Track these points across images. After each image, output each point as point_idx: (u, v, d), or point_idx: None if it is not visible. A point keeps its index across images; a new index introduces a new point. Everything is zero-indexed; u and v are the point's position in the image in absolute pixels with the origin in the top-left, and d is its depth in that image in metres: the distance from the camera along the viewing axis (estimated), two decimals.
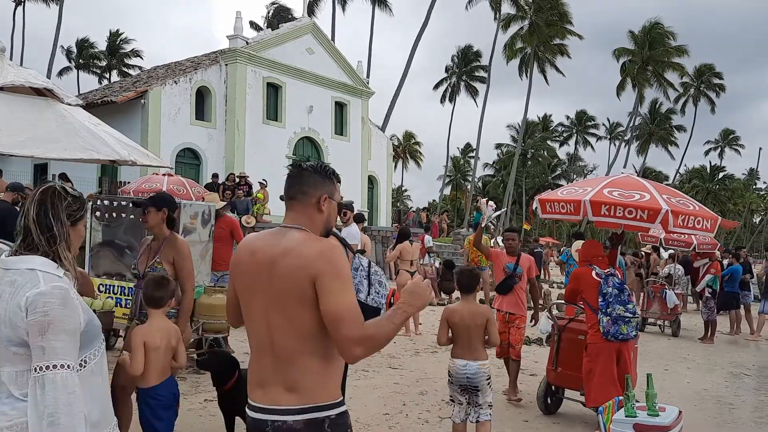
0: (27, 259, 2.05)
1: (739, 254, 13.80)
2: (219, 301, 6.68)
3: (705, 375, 9.04)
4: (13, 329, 1.97)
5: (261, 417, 2.15)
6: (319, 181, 2.30)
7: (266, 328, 2.17)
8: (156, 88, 20.06)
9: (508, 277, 6.65)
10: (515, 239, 6.93)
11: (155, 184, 10.76)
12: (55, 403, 1.91)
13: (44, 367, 1.93)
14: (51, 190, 2.14)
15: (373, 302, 3.57)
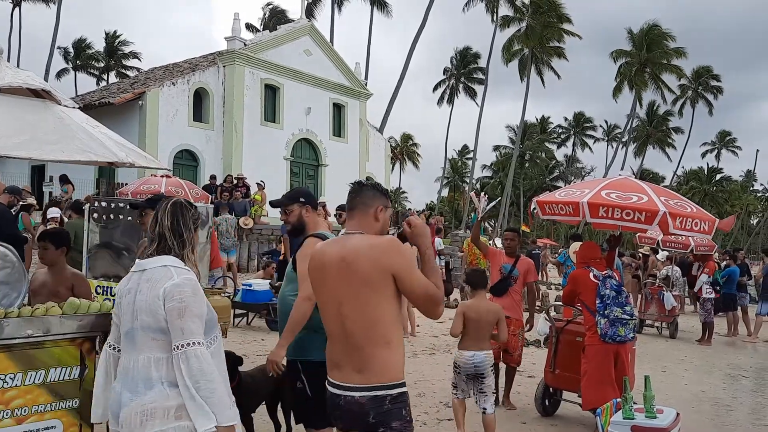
0: (160, 259, 2.49)
1: (736, 256, 13.82)
2: (216, 303, 6.66)
3: (703, 377, 9.05)
4: (153, 317, 2.39)
5: (336, 392, 2.60)
6: (376, 195, 2.73)
7: (338, 319, 2.60)
8: (154, 90, 20.05)
9: (504, 279, 6.41)
10: (515, 239, 6.70)
11: (153, 185, 10.75)
12: (198, 373, 2.34)
13: (185, 345, 2.36)
14: (179, 203, 2.61)
15: None
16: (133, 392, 2.40)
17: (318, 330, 3.57)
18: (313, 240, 3.67)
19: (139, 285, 2.48)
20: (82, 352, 3.73)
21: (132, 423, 2.36)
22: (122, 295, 2.54)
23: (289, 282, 3.74)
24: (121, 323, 2.53)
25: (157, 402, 2.36)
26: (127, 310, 2.50)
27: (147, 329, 2.42)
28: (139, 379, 2.40)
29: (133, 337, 2.46)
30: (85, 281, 4.55)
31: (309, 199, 3.88)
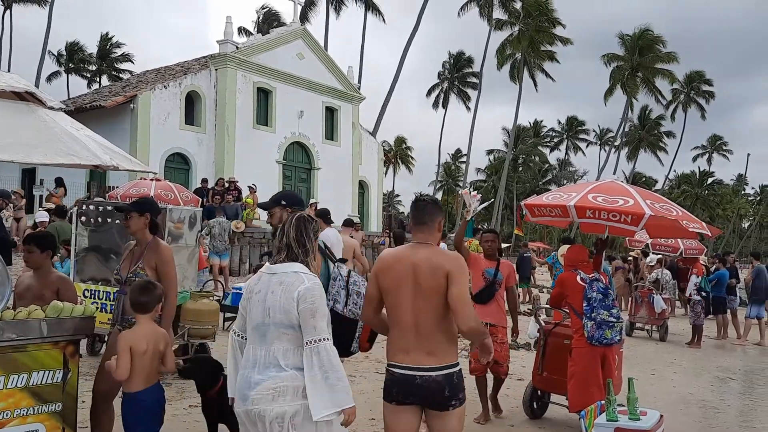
0: (290, 266, 2.89)
1: (726, 259, 13.90)
2: (205, 306, 6.68)
3: (691, 379, 9.09)
4: (286, 315, 2.78)
5: (409, 373, 3.05)
6: (437, 210, 3.28)
7: (412, 312, 3.09)
8: (145, 93, 20.01)
9: (489, 285, 6.06)
10: (495, 241, 6.35)
11: (143, 189, 10.72)
12: (327, 364, 2.74)
13: (316, 340, 2.76)
14: (302, 218, 3.01)
15: (350, 313, 3.54)
16: (264, 375, 2.80)
17: None
18: None
19: (269, 286, 2.87)
20: (65, 356, 3.72)
21: (264, 399, 2.75)
22: (252, 292, 2.93)
23: None
24: (250, 317, 2.91)
25: (288, 382, 2.77)
26: (258, 306, 2.88)
27: (279, 325, 2.81)
28: (271, 365, 2.81)
29: (264, 331, 2.85)
30: (71, 285, 4.54)
31: (290, 201, 3.88)
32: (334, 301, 3.59)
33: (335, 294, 3.61)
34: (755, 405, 7.86)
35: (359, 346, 3.65)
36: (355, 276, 3.69)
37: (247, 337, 2.94)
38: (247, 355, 2.91)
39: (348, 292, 3.61)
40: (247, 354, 2.92)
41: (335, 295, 3.60)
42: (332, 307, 3.54)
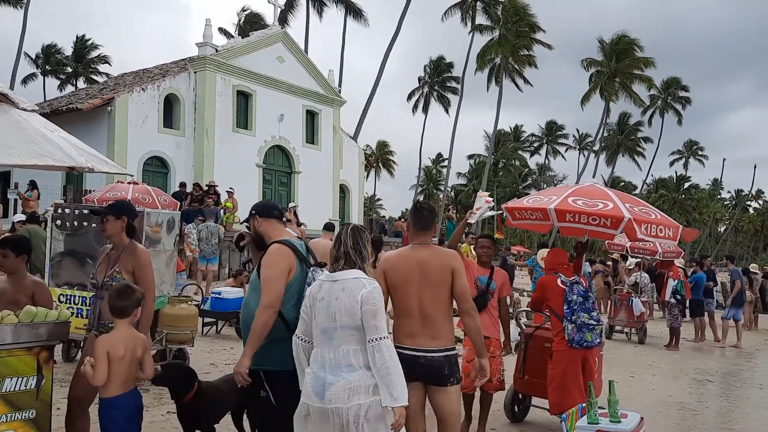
0: (350, 272, 3.15)
1: (703, 263, 14.07)
2: (183, 311, 6.59)
3: (670, 381, 9.16)
4: (352, 317, 3.04)
5: (415, 354, 3.63)
6: (435, 217, 4.04)
7: (418, 302, 3.71)
8: (123, 96, 19.78)
9: (482, 294, 5.61)
10: (491, 247, 5.94)
11: (120, 192, 10.58)
12: (388, 360, 3.03)
13: (378, 339, 3.03)
14: (357, 228, 3.35)
15: None
16: (336, 375, 3.04)
17: (280, 340, 3.53)
18: (276, 247, 3.63)
19: (332, 293, 3.12)
20: (39, 362, 3.64)
21: (340, 398, 3.00)
22: (316, 299, 3.17)
23: (253, 290, 3.68)
24: (315, 322, 3.16)
25: (360, 381, 3.02)
26: (323, 312, 3.12)
27: (346, 327, 3.06)
28: (342, 365, 3.05)
29: (331, 334, 3.09)
30: (46, 289, 4.44)
31: (259, 210, 3.85)
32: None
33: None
34: (732, 406, 7.94)
35: None
36: None
37: (315, 340, 3.19)
38: (315, 357, 3.16)
39: None
40: (315, 355, 3.16)
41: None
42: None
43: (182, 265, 9.45)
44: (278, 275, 3.50)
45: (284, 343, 3.54)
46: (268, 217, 3.82)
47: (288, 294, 3.53)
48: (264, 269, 3.55)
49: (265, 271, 3.53)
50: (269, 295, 3.45)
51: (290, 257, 3.59)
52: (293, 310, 3.55)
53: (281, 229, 3.85)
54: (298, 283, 3.59)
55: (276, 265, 3.52)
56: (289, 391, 3.67)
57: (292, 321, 3.53)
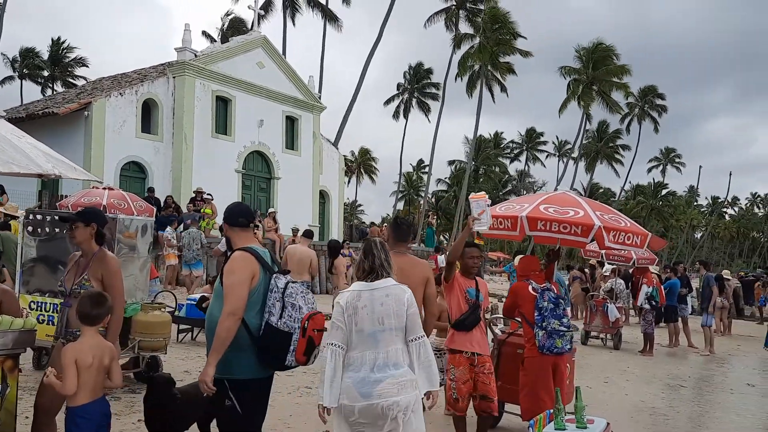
0: (387, 281, 3.60)
1: (677, 269, 14.26)
2: (156, 318, 6.54)
3: (643, 387, 9.27)
4: (398, 319, 3.49)
5: None
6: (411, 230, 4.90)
7: None
8: (100, 100, 19.60)
9: (474, 308, 5.31)
10: (479, 257, 5.64)
11: (95, 198, 10.47)
12: (430, 353, 3.58)
13: (421, 336, 3.58)
14: (381, 242, 3.75)
15: (285, 326, 3.49)
16: (384, 373, 3.40)
17: (244, 348, 3.52)
18: (238, 254, 3.63)
19: (374, 300, 3.51)
20: (3, 370, 3.60)
21: (390, 393, 3.35)
22: (357, 307, 3.49)
23: (217, 298, 3.66)
24: (358, 328, 3.47)
25: (406, 377, 3.44)
26: (367, 318, 3.46)
27: (392, 329, 3.48)
28: (390, 364, 3.43)
29: (378, 336, 3.45)
30: (13, 297, 4.39)
31: (225, 218, 3.86)
32: (269, 314, 3.55)
33: (270, 306, 3.57)
34: (703, 411, 8.06)
35: (295, 359, 3.61)
36: (293, 287, 3.63)
37: (357, 346, 3.48)
38: (361, 360, 3.46)
39: (283, 304, 3.57)
40: (361, 359, 3.46)
41: (270, 307, 3.56)
42: (266, 320, 3.52)
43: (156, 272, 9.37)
44: (241, 282, 3.49)
45: (248, 350, 3.53)
46: (234, 225, 3.82)
47: (251, 301, 3.53)
48: (226, 276, 3.55)
49: (228, 277, 3.53)
50: (232, 301, 3.45)
51: (253, 264, 3.59)
52: (257, 318, 3.54)
53: (247, 237, 3.85)
54: (261, 290, 3.59)
55: (238, 272, 3.52)
56: (255, 399, 3.67)
57: (256, 328, 3.53)
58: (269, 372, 3.73)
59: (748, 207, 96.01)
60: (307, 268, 9.82)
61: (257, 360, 3.55)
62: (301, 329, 3.51)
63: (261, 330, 3.52)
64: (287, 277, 3.71)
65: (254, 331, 3.53)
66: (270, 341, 3.50)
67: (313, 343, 3.58)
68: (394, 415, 3.36)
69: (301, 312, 3.54)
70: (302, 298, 3.59)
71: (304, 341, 3.55)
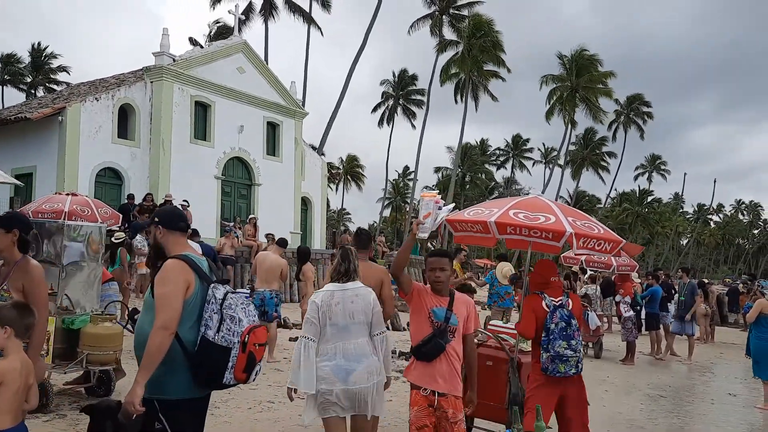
0: (356, 283, 4.11)
1: (658, 275, 14.03)
2: (106, 331, 6.18)
3: (622, 398, 9.01)
4: (366, 316, 4.00)
5: None
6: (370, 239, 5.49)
7: None
8: (75, 105, 19.16)
9: (438, 332, 4.08)
10: (444, 269, 4.20)
11: (57, 204, 10.09)
12: (388, 348, 4.19)
13: (383, 332, 4.12)
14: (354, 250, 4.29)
15: (223, 340, 3.19)
16: (358, 362, 3.91)
17: (177, 365, 3.20)
18: (172, 262, 3.30)
19: (345, 298, 4.00)
20: None
21: (362, 378, 3.90)
22: (332, 304, 3.98)
23: (147, 310, 3.34)
24: (334, 321, 3.96)
25: (374, 365, 3.97)
26: (340, 313, 3.96)
27: (361, 323, 4.00)
28: (363, 354, 3.95)
29: (349, 329, 3.96)
30: None
31: (164, 219, 3.50)
32: (205, 327, 3.24)
33: (207, 319, 3.25)
34: (683, 423, 7.80)
35: (234, 377, 3.29)
36: (233, 298, 3.33)
37: (331, 337, 3.95)
38: (335, 350, 3.94)
39: (221, 317, 3.26)
40: (335, 349, 3.94)
41: (207, 320, 3.25)
42: (203, 334, 3.21)
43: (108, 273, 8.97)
44: (174, 292, 3.18)
45: (181, 368, 3.22)
46: (174, 229, 3.49)
47: (185, 313, 3.22)
48: (158, 286, 3.23)
49: (160, 288, 3.21)
50: (164, 314, 3.13)
51: (188, 273, 3.28)
52: (191, 332, 3.23)
53: (182, 243, 3.53)
54: (197, 302, 3.28)
55: (172, 282, 3.21)
56: (188, 421, 3.35)
57: (190, 343, 3.22)
58: (205, 391, 3.41)
59: (732, 214, 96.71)
60: (276, 277, 9.51)
61: (191, 378, 3.24)
62: (240, 344, 3.21)
63: (196, 345, 3.21)
64: (226, 287, 3.41)
65: (189, 346, 3.22)
66: (206, 357, 3.19)
67: (254, 358, 3.29)
68: (365, 397, 3.89)
69: (241, 325, 3.24)
70: (242, 310, 3.30)
71: (244, 357, 3.25)
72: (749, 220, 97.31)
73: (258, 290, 9.50)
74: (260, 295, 9.42)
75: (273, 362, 9.32)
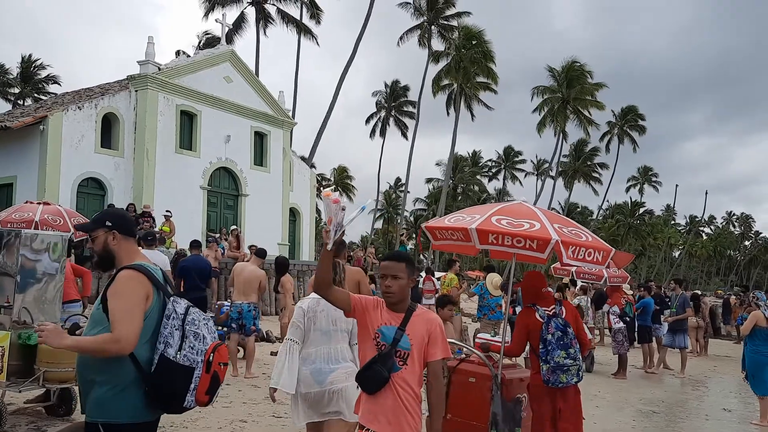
0: None
1: (649, 287, 13.74)
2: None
3: (613, 414, 8.68)
4: (346, 324, 4.13)
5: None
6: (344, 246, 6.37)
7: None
8: (56, 114, 18.80)
9: (384, 357, 3.14)
10: (400, 276, 3.22)
11: (27, 213, 9.71)
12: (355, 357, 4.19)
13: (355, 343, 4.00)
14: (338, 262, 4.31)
15: (186, 360, 2.85)
16: (335, 364, 4.07)
17: (127, 385, 2.84)
18: (129, 274, 2.93)
19: (329, 306, 3.70)
20: None
21: (340, 380, 4.03)
22: (317, 310, 4.11)
23: (93, 325, 2.96)
24: (318, 326, 4.10)
25: (350, 368, 4.06)
26: (324, 319, 4.11)
27: (342, 330, 4.16)
28: (339, 358, 4.10)
29: (331, 335, 4.11)
30: None
31: (117, 223, 3.13)
32: (165, 345, 2.88)
33: (167, 335, 2.90)
34: None
35: (195, 399, 2.94)
36: (195, 314, 2.99)
37: (314, 341, 4.10)
38: (317, 354, 4.09)
39: (184, 334, 2.92)
40: (317, 353, 4.09)
41: (167, 337, 2.89)
42: (162, 352, 2.86)
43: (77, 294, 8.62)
44: (135, 306, 2.84)
45: (132, 388, 2.86)
46: (129, 234, 3.14)
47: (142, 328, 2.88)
48: (115, 299, 2.85)
49: (117, 301, 2.84)
50: (123, 327, 2.76)
51: (146, 284, 2.93)
52: (146, 349, 2.88)
53: (137, 251, 3.18)
54: (153, 316, 2.93)
55: (131, 294, 2.86)
56: None
57: (146, 361, 2.86)
58: (156, 415, 3.05)
59: (724, 226, 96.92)
60: (254, 289, 9.15)
61: (144, 400, 2.88)
62: (204, 363, 2.89)
63: (152, 363, 2.87)
64: (186, 301, 3.06)
65: (144, 364, 2.86)
66: (165, 378, 2.84)
67: (218, 379, 2.98)
68: (339, 395, 4.03)
69: (205, 343, 2.92)
70: (205, 326, 2.98)
71: (208, 377, 2.92)
72: (740, 231, 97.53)
73: (235, 303, 9.15)
74: (237, 308, 9.07)
75: (251, 378, 8.94)
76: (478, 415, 5.45)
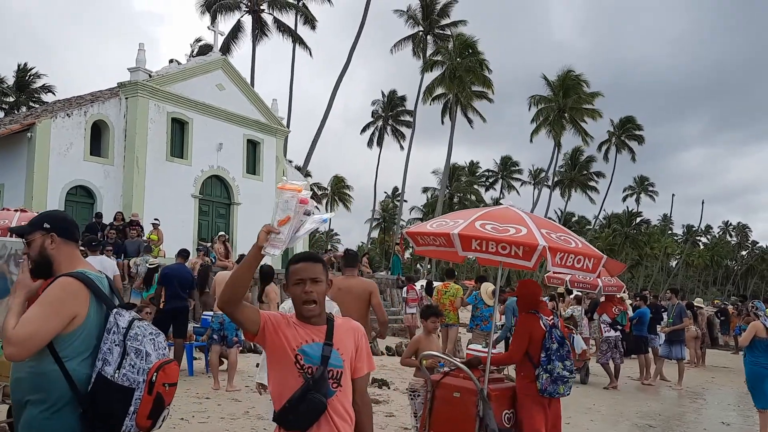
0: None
1: (645, 296, 13.46)
2: None
3: (608, 428, 8.38)
4: None
5: None
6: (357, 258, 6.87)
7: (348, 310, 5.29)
8: (45, 121, 18.53)
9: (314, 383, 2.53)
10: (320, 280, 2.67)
11: (4, 220, 9.38)
12: None
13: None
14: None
15: (125, 379, 2.56)
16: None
17: (61, 407, 2.55)
18: (66, 282, 2.64)
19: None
20: None
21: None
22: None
23: None
24: None
25: None
26: None
27: None
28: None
29: None
30: None
31: (56, 225, 2.84)
32: (103, 362, 2.59)
33: (106, 351, 2.61)
34: None
35: (136, 424, 2.64)
36: (140, 327, 2.69)
37: None
38: None
39: (124, 350, 2.62)
40: None
41: (105, 354, 2.60)
42: (99, 370, 2.58)
43: None
44: (47, 316, 2.52)
45: (67, 410, 2.56)
46: (70, 238, 2.85)
47: (76, 344, 2.59)
48: (35, 304, 2.56)
49: (36, 306, 2.55)
50: (22, 329, 2.47)
51: (81, 296, 2.62)
52: (83, 367, 2.59)
53: (79, 257, 2.89)
54: (92, 330, 2.64)
55: (52, 304, 2.56)
56: None
57: (82, 381, 2.57)
58: None
59: (720, 235, 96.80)
60: None
61: (79, 423, 2.59)
62: (147, 383, 2.60)
63: (90, 383, 2.58)
64: (131, 313, 2.77)
65: (80, 384, 2.57)
66: (101, 399, 2.55)
67: (162, 401, 2.66)
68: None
69: (149, 360, 2.63)
70: (151, 342, 2.68)
71: (150, 399, 2.62)
72: (737, 241, 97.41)
73: (216, 313, 8.86)
74: (219, 319, 8.78)
75: (232, 391, 8.62)
76: (462, 431, 5.16)
